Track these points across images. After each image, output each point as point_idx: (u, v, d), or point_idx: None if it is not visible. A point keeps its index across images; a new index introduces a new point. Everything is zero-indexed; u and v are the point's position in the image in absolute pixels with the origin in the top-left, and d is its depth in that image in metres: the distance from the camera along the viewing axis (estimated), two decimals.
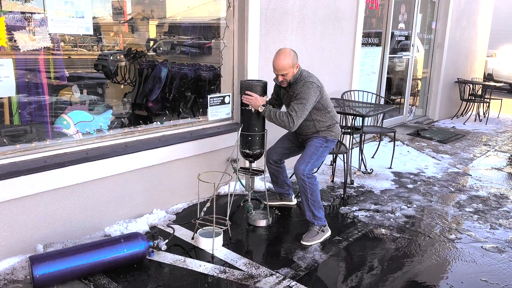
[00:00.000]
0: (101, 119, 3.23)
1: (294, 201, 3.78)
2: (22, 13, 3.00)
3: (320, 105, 3.21)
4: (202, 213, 3.13)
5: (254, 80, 3.44)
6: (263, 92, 3.24)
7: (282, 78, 3.15)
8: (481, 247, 3.21)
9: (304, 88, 3.08)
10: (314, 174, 3.20)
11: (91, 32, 2.93)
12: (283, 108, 3.39)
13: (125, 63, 4.97)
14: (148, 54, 5.50)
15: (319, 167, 3.26)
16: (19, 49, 2.95)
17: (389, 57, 6.37)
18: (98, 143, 3.14)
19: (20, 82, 3.12)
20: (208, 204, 3.13)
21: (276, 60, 3.09)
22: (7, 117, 3.16)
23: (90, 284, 2.54)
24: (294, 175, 3.24)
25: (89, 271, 2.56)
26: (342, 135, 4.59)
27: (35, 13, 3.09)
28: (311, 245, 3.10)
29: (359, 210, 3.76)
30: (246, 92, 3.18)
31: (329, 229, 3.28)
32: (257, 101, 3.16)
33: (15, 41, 2.84)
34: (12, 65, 2.65)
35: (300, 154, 3.28)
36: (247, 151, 3.36)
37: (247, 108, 3.24)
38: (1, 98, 3.00)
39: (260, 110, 3.17)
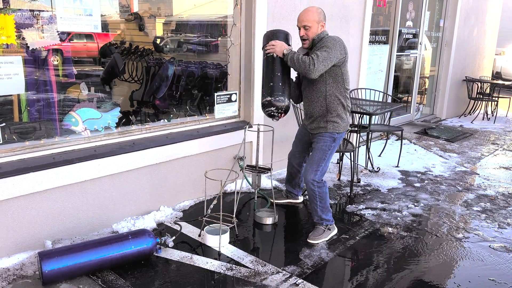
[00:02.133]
0: (109, 116, 3.25)
1: (300, 199, 3.78)
2: (31, 11, 3.02)
3: (340, 72, 2.95)
4: (209, 211, 3.14)
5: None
6: (286, 41, 3.06)
7: (304, 33, 2.96)
8: (489, 246, 3.19)
9: (329, 40, 2.90)
10: (324, 181, 3.11)
11: (99, 30, 2.95)
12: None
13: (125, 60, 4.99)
14: (158, 52, 5.51)
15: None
16: (28, 47, 2.98)
17: (396, 55, 6.34)
18: (106, 140, 3.16)
19: (28, 80, 3.14)
20: (214, 202, 3.14)
21: (302, 12, 2.98)
22: (16, 114, 3.19)
23: (98, 280, 2.56)
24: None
25: (97, 267, 2.58)
26: (349, 133, 4.58)
27: (43, 10, 3.11)
28: (317, 243, 3.10)
29: (366, 208, 3.75)
30: (270, 42, 3.02)
31: (335, 227, 3.27)
32: (282, 46, 2.97)
33: (23, 38, 2.86)
34: (21, 63, 2.67)
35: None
36: (269, 98, 2.93)
37: (269, 55, 3.03)
38: (11, 95, 3.03)
39: (285, 52, 2.94)
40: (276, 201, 3.69)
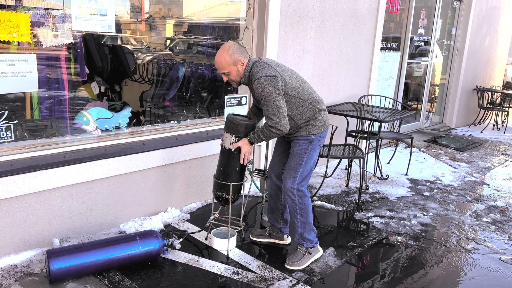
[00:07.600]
0: (120, 116, 3.26)
1: (287, 240, 3.15)
2: (46, 9, 3.04)
3: (289, 96, 2.68)
4: (217, 213, 3.12)
5: (239, 117, 2.89)
6: (246, 130, 2.77)
7: (226, 78, 2.72)
8: (499, 258, 3.15)
9: (259, 87, 2.58)
10: (305, 190, 2.78)
11: (114, 30, 2.96)
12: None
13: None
14: (166, 53, 5.53)
15: (311, 172, 2.82)
16: (42, 45, 2.99)
17: (407, 62, 6.31)
18: (116, 140, 3.16)
19: (40, 77, 3.16)
20: (216, 215, 3.12)
21: (215, 57, 2.66)
22: (28, 111, 3.21)
23: (105, 280, 2.56)
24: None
25: (104, 267, 2.57)
26: (358, 140, 4.55)
27: (58, 9, 3.13)
28: (295, 269, 2.80)
29: (374, 216, 3.72)
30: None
31: (319, 249, 2.96)
32: (244, 143, 2.75)
33: (34, 36, 2.87)
34: (35, 61, 2.69)
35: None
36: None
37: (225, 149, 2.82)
38: (23, 92, 3.04)
39: (252, 142, 2.73)
40: (256, 239, 3.15)
